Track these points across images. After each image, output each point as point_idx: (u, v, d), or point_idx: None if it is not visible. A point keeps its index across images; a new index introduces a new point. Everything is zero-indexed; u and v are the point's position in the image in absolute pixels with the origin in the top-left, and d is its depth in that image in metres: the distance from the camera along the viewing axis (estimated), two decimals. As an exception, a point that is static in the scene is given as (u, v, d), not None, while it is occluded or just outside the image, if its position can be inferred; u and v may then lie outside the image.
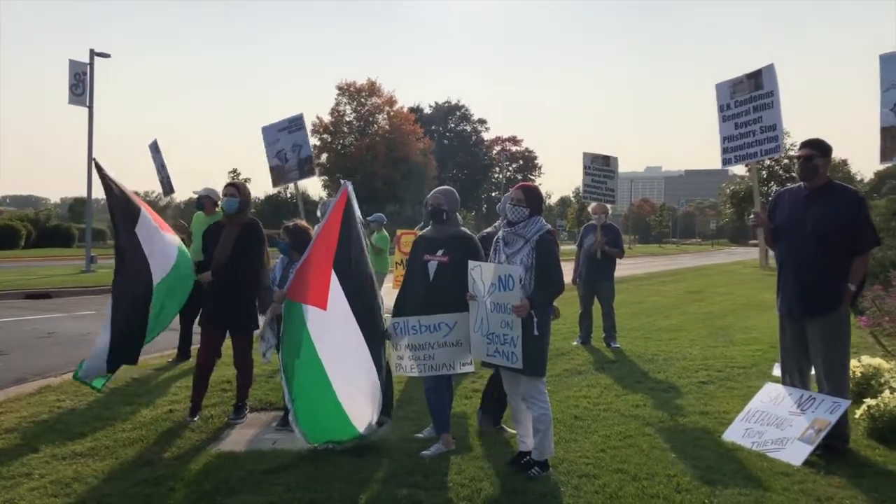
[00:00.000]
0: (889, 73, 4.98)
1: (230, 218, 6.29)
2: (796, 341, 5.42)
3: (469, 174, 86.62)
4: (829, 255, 5.12)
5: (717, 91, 6.07)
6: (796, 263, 5.31)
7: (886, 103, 4.99)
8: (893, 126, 4.95)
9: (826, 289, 5.16)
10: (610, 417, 6.21)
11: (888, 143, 5.05)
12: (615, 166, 9.75)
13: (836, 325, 5.18)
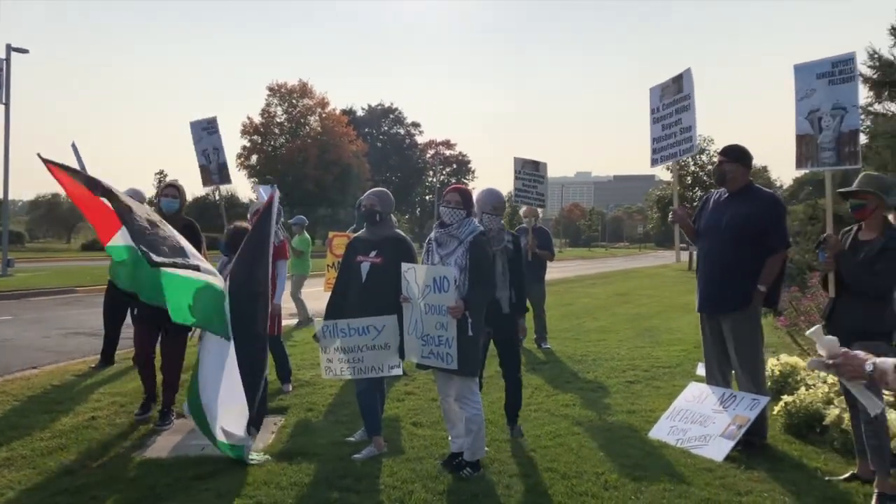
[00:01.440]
0: (803, 82, 5.19)
1: (168, 219, 6.18)
2: (715, 339, 5.63)
3: (403, 177, 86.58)
4: (742, 255, 5.32)
5: (651, 94, 6.26)
6: (711, 262, 5.52)
7: (801, 111, 5.20)
8: (808, 134, 5.16)
9: (737, 287, 5.36)
10: (541, 417, 6.30)
11: (803, 151, 5.26)
12: (545, 171, 9.89)
13: (746, 323, 5.39)
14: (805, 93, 5.16)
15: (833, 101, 5.00)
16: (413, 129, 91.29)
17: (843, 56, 5.01)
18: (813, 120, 5.15)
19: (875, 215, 4.57)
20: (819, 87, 5.08)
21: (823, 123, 5.05)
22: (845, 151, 4.95)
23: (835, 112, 5.01)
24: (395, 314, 5.01)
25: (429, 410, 6.42)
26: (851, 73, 4.94)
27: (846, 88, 4.94)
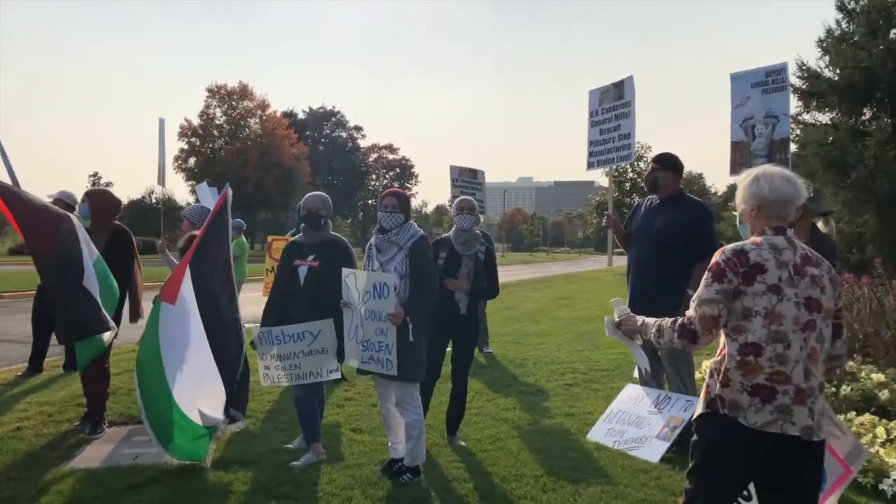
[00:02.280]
0: (738, 91, 5.33)
1: (95, 225, 6.06)
2: (646, 342, 5.70)
3: (345, 181, 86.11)
4: (671, 260, 5.43)
5: (590, 97, 6.28)
6: (641, 267, 5.63)
7: (736, 119, 5.34)
8: (742, 141, 5.30)
9: (666, 292, 5.45)
10: (481, 421, 6.32)
11: (737, 157, 5.39)
12: (483, 179, 9.96)
13: None
14: (740, 101, 5.30)
15: (766, 110, 5.15)
16: (356, 132, 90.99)
17: (776, 66, 5.17)
18: (747, 127, 5.30)
19: (802, 222, 4.73)
20: (753, 95, 5.23)
21: (757, 131, 5.20)
22: (776, 158, 5.10)
23: (767, 120, 5.16)
24: (333, 318, 4.97)
25: (369, 416, 6.37)
26: (783, 83, 5.09)
27: (779, 97, 5.09)
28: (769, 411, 2.72)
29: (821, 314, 2.80)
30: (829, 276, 2.87)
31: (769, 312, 2.74)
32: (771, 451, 2.77)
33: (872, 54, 10.88)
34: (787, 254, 2.83)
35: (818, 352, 2.79)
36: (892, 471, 4.43)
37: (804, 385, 2.72)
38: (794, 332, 2.73)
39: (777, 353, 2.72)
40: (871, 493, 4.46)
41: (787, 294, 2.76)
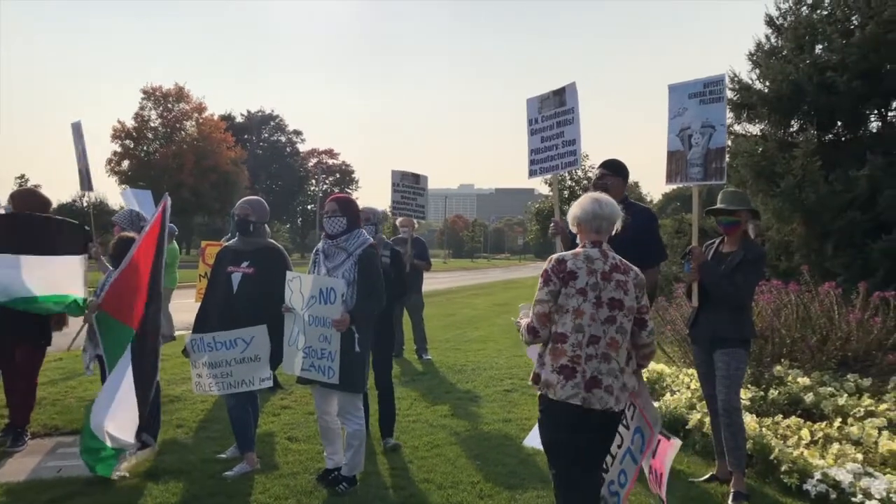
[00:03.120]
0: (676, 101, 5.41)
1: None
2: None
3: (284, 186, 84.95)
4: None
5: (528, 105, 6.24)
6: None
7: (673, 129, 5.41)
8: (678, 150, 5.36)
9: None
10: (419, 428, 6.29)
11: (673, 166, 5.46)
12: (425, 184, 9.94)
13: None
14: (677, 111, 5.38)
15: (703, 120, 5.23)
16: (295, 136, 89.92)
17: (715, 77, 5.27)
18: (683, 137, 5.36)
19: (739, 230, 4.85)
20: (691, 106, 5.31)
21: (693, 141, 5.28)
22: (712, 168, 5.19)
23: (704, 130, 5.24)
24: (266, 325, 4.88)
25: (305, 425, 6.28)
26: (721, 94, 5.18)
27: (716, 108, 5.18)
28: (570, 387, 3.35)
29: (622, 311, 3.45)
30: (634, 281, 3.54)
31: (576, 309, 3.41)
32: (581, 419, 3.38)
33: (799, 68, 11.22)
34: (598, 263, 3.51)
35: (619, 341, 3.43)
36: (816, 471, 4.57)
37: (586, 366, 3.35)
38: (589, 325, 3.39)
39: (578, 342, 3.38)
40: (796, 493, 4.59)
41: (590, 296, 3.41)
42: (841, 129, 11.92)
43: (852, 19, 11.33)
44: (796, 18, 12.14)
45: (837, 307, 7.47)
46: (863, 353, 7.21)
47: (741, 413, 4.79)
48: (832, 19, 11.55)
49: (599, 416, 3.38)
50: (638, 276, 3.58)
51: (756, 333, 5.70)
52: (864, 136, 11.52)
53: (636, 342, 3.55)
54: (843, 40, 10.79)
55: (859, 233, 9.51)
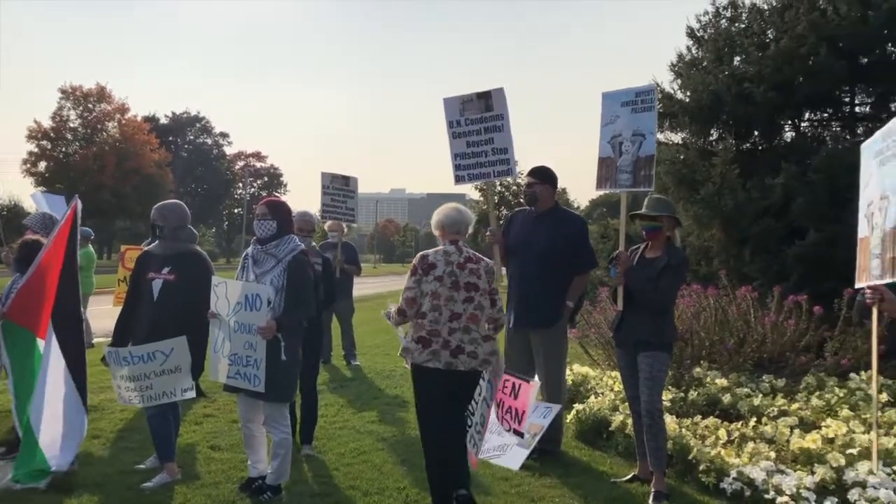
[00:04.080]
0: (609, 109, 5.49)
1: None
2: (521, 352, 5.82)
3: (210, 189, 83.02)
4: (552, 273, 5.57)
5: (445, 106, 6.06)
6: (522, 279, 5.71)
7: (605, 136, 5.49)
8: (609, 157, 5.45)
9: (548, 304, 5.60)
10: (345, 435, 6.23)
11: (603, 172, 5.54)
12: (355, 186, 9.87)
13: (555, 337, 5.66)
14: (610, 119, 5.46)
15: (634, 128, 5.33)
16: (221, 139, 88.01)
17: (646, 87, 5.40)
18: (614, 144, 5.45)
19: (662, 235, 4.95)
20: (623, 114, 5.40)
21: (623, 148, 5.37)
22: (641, 175, 5.29)
23: (634, 138, 5.34)
24: (185, 335, 4.75)
25: (229, 433, 6.15)
26: (651, 104, 5.30)
27: (646, 116, 5.29)
28: (427, 354, 4.29)
29: (478, 292, 4.41)
30: (485, 269, 4.49)
31: (433, 293, 4.34)
32: (448, 379, 4.30)
33: (719, 79, 11.59)
34: (454, 256, 4.44)
35: (478, 316, 4.38)
36: (732, 469, 4.71)
37: (451, 338, 4.29)
38: (446, 305, 4.32)
39: (435, 318, 4.32)
40: (714, 491, 4.72)
41: (446, 282, 4.35)
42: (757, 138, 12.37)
43: (768, 33, 11.79)
44: (716, 31, 12.55)
45: (754, 310, 7.74)
46: (777, 355, 7.50)
47: (662, 414, 4.90)
48: (749, 32, 11.99)
49: (465, 375, 4.32)
50: (488, 264, 4.54)
51: (677, 336, 5.85)
52: (779, 146, 11.98)
53: (489, 316, 4.46)
54: (759, 53, 11.20)
55: (774, 239, 9.86)
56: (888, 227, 3.80)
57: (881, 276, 3.80)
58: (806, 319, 7.50)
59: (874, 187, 4.12)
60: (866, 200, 4.31)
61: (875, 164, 4.14)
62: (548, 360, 5.64)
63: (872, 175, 4.18)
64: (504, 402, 4.59)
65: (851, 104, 12.01)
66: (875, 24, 10.18)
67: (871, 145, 4.33)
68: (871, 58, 10.76)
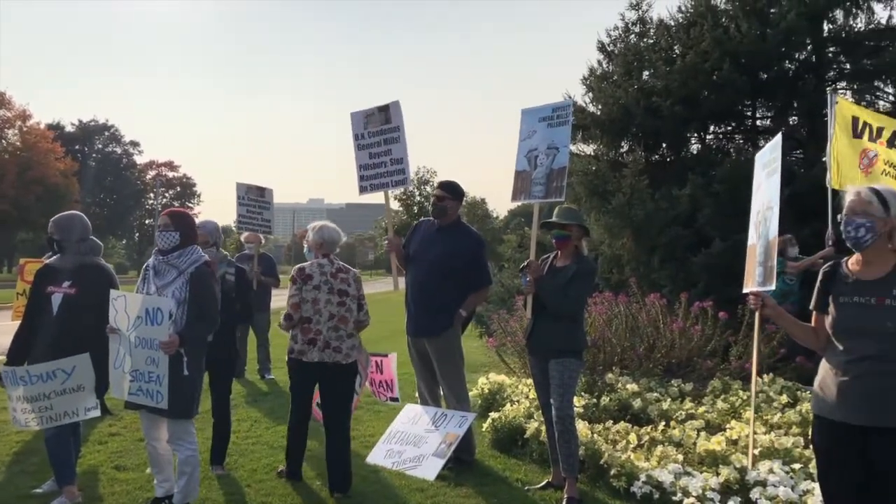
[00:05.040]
0: (527, 124, 5.62)
1: None
2: (422, 361, 5.88)
3: (119, 199, 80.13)
4: (447, 285, 5.67)
5: (352, 120, 6.27)
6: (419, 290, 5.79)
7: (522, 150, 5.62)
8: (525, 170, 5.57)
9: (442, 314, 5.69)
10: (258, 451, 6.09)
11: (518, 185, 5.66)
12: (270, 197, 9.71)
13: (448, 344, 5.72)
14: (528, 134, 5.58)
15: (549, 142, 5.45)
16: (132, 148, 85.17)
17: (563, 103, 5.58)
18: (531, 158, 5.57)
19: (571, 244, 5.04)
20: (539, 129, 5.53)
21: (538, 161, 5.49)
22: (553, 186, 5.40)
23: (549, 151, 5.45)
24: (89, 352, 4.54)
25: (135, 452, 5.91)
26: (567, 118, 5.43)
27: (561, 131, 5.41)
28: (307, 350, 5.04)
29: (349, 297, 5.18)
30: (353, 278, 5.28)
31: (314, 300, 5.06)
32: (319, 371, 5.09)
33: (628, 93, 11.93)
34: (327, 267, 5.19)
35: (348, 318, 5.15)
36: (641, 473, 4.82)
37: (329, 336, 5.05)
38: (325, 309, 5.07)
39: (317, 320, 5.04)
40: (624, 495, 4.82)
41: (323, 289, 5.10)
42: (666, 150, 12.80)
43: (675, 48, 12.22)
44: (625, 45, 12.94)
45: (662, 317, 7.97)
46: (685, 360, 7.74)
47: (574, 420, 4.97)
48: (657, 48, 12.39)
49: (333, 366, 5.09)
50: (355, 274, 5.38)
51: (588, 344, 5.97)
52: (686, 158, 12.42)
53: (356, 318, 5.24)
54: (666, 68, 11.59)
55: (682, 247, 10.21)
56: (770, 237, 3.96)
57: (763, 283, 3.95)
58: (712, 325, 7.77)
59: (762, 197, 4.29)
60: (755, 208, 4.49)
61: (764, 174, 4.31)
62: (442, 368, 5.74)
63: (761, 185, 4.35)
64: (375, 379, 5.74)
65: (753, 117, 12.58)
66: (773, 42, 10.69)
67: (761, 156, 4.51)
68: (770, 73, 11.29)
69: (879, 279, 3.09)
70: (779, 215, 4.02)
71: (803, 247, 8.55)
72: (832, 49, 11.75)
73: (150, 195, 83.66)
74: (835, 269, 3.27)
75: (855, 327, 3.07)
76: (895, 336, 2.98)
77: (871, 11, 11.37)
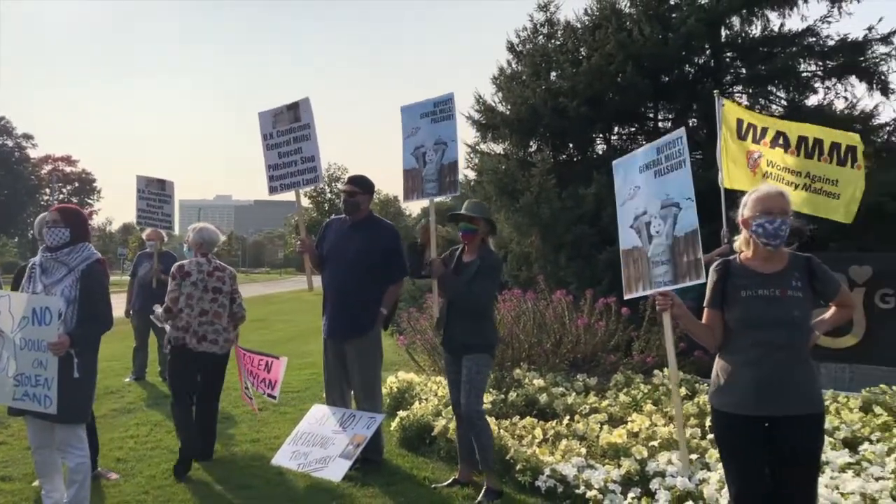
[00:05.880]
0: (408, 121, 5.61)
1: None
2: (338, 362, 5.75)
3: (11, 195, 75.96)
4: (365, 282, 5.55)
5: (261, 119, 6.15)
6: (337, 288, 5.66)
7: (408, 148, 5.61)
8: (414, 168, 5.55)
9: (364, 313, 5.57)
10: (158, 455, 5.87)
11: (410, 184, 5.65)
12: (171, 191, 9.41)
13: (369, 345, 5.63)
14: (411, 131, 5.56)
15: (435, 137, 5.44)
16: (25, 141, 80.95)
17: (443, 97, 5.51)
18: (418, 155, 5.56)
19: (477, 240, 5.04)
20: (423, 125, 5.52)
21: (427, 158, 5.48)
22: (446, 182, 5.42)
23: (437, 147, 5.45)
24: None
25: (22, 461, 5.60)
26: (450, 112, 5.41)
27: (446, 125, 5.41)
28: (182, 336, 5.56)
29: (222, 294, 5.70)
30: (228, 276, 5.79)
31: (188, 295, 5.57)
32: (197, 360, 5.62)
33: (536, 93, 12.09)
34: (204, 266, 5.69)
35: (220, 313, 5.66)
36: (546, 467, 4.88)
37: (204, 329, 5.58)
38: (197, 304, 5.57)
39: (190, 314, 5.55)
40: (529, 490, 4.87)
41: (199, 286, 5.61)
42: (572, 150, 13.05)
43: (581, 50, 12.46)
44: (534, 46, 13.12)
45: (569, 313, 8.11)
46: (590, 355, 7.90)
47: (484, 415, 4.99)
48: (564, 49, 12.62)
49: (210, 356, 5.63)
50: (231, 273, 5.86)
51: (498, 340, 6.00)
52: (592, 157, 12.70)
53: (232, 312, 5.77)
54: (573, 69, 11.81)
55: (587, 245, 10.42)
56: (682, 233, 4.02)
57: (674, 281, 3.99)
58: (615, 321, 7.96)
59: (647, 197, 4.27)
60: (633, 212, 4.42)
61: (645, 176, 4.30)
62: (362, 369, 5.62)
63: (641, 187, 4.34)
64: (259, 375, 6.04)
65: (655, 119, 12.97)
66: (674, 46, 11.04)
67: (637, 159, 4.45)
68: (671, 76, 11.66)
69: (779, 272, 3.26)
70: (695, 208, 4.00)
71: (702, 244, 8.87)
72: (729, 54, 12.24)
73: (45, 191, 79.79)
74: (726, 264, 3.40)
75: (763, 319, 3.19)
76: (800, 325, 3.16)
77: (765, 19, 11.90)
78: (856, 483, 4.28)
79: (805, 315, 3.20)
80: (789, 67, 11.37)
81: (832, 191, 7.40)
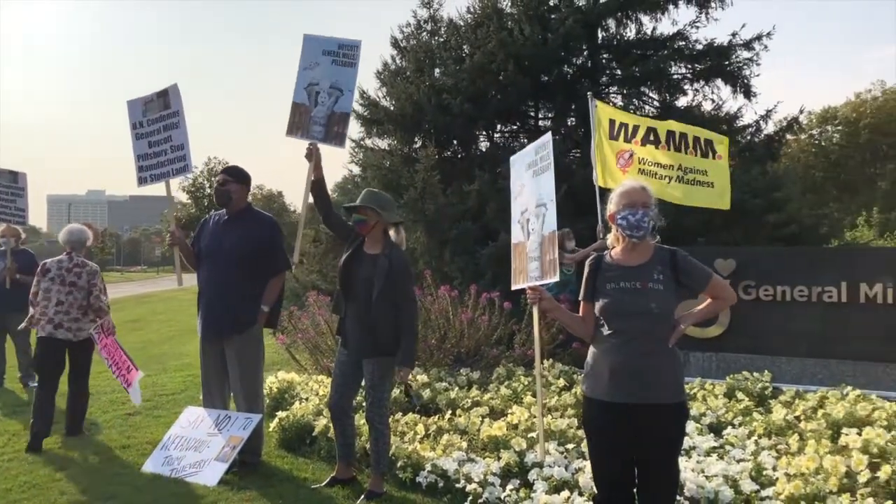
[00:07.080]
0: (309, 53, 5.32)
1: None
2: (216, 362, 5.50)
3: None
4: (245, 277, 5.32)
5: (129, 108, 5.84)
6: (214, 286, 5.40)
7: (302, 81, 5.30)
8: (304, 104, 5.28)
9: (242, 310, 5.34)
10: (14, 468, 5.46)
11: (296, 119, 5.34)
12: (24, 183, 8.82)
13: (251, 344, 5.41)
14: (309, 64, 5.30)
15: (332, 81, 5.25)
16: None
17: (350, 41, 5.31)
18: (311, 92, 5.32)
19: (376, 230, 4.88)
20: (323, 62, 5.27)
21: (319, 99, 5.26)
22: (334, 131, 5.22)
23: (332, 91, 5.26)
24: None
25: None
26: (354, 60, 5.23)
27: (347, 72, 5.23)
28: (43, 325, 6.15)
29: (76, 288, 6.19)
30: (86, 271, 6.28)
31: (46, 289, 6.19)
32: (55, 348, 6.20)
33: (420, 89, 12.12)
34: (65, 262, 6.25)
35: (74, 303, 6.16)
36: (427, 463, 4.87)
37: (60, 318, 6.12)
38: (54, 296, 6.16)
39: (43, 304, 6.15)
40: (410, 486, 4.85)
41: (56, 281, 6.16)
42: (456, 147, 13.17)
43: (464, 48, 12.59)
44: (417, 42, 13.16)
45: (453, 308, 8.16)
46: (474, 349, 7.98)
47: (385, 420, 4.85)
48: (448, 46, 12.72)
49: (66, 342, 6.19)
50: (91, 269, 6.36)
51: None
52: (475, 155, 12.86)
53: (91, 304, 6.26)
54: (456, 66, 11.92)
55: (471, 240, 10.55)
56: (546, 232, 4.11)
57: (540, 277, 4.09)
58: (498, 315, 8.07)
59: (528, 196, 4.38)
60: (520, 208, 4.48)
61: (529, 174, 4.41)
62: (242, 369, 5.38)
63: (525, 185, 4.44)
64: (121, 368, 6.18)
65: (536, 118, 13.27)
66: (554, 46, 11.33)
67: (522, 157, 4.55)
68: (550, 76, 11.96)
69: (642, 265, 3.35)
70: (555, 211, 4.14)
71: (579, 240, 9.12)
72: (605, 55, 12.68)
73: None
74: (599, 259, 3.50)
75: (623, 310, 3.29)
76: (659, 316, 3.25)
77: (639, 22, 12.41)
78: (719, 466, 4.50)
79: (664, 307, 3.27)
80: (661, 70, 11.90)
81: (704, 180, 7.82)
